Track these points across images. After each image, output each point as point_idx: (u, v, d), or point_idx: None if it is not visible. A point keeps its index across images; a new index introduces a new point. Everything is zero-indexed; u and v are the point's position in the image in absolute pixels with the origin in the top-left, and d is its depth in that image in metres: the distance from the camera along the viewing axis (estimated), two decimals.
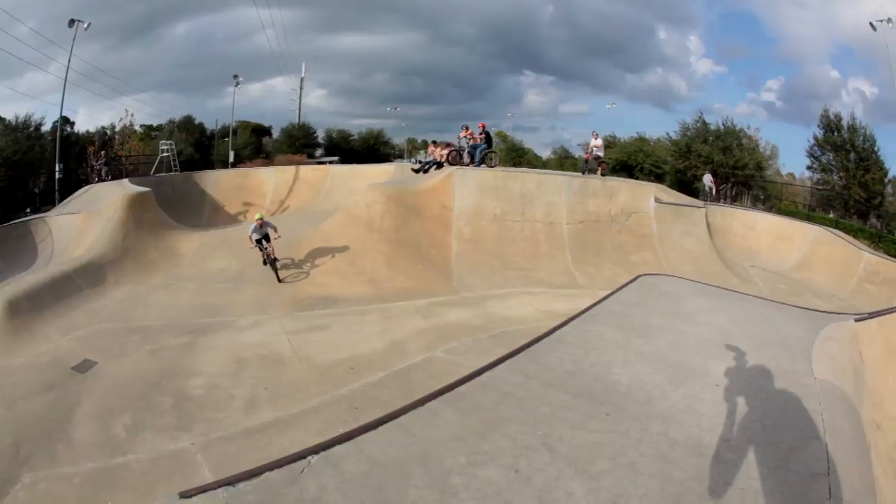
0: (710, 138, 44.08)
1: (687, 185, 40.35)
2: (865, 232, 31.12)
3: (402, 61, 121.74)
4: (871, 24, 38.52)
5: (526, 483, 4.17)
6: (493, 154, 24.47)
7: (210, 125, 53.28)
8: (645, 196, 21.07)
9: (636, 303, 9.02)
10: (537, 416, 5.08)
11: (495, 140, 64.85)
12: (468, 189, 20.82)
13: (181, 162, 34.40)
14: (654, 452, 4.67)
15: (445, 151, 24.92)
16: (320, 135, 59.69)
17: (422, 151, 59.84)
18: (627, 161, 46.78)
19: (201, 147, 47.74)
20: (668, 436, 4.94)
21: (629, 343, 7.07)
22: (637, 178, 39.67)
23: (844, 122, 42.71)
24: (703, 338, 7.43)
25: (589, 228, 20.13)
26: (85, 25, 29.69)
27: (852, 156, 40.89)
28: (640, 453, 4.64)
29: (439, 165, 24.26)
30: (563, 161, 57.33)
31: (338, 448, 4.27)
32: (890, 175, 41.03)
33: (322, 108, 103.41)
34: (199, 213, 26.50)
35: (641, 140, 50.64)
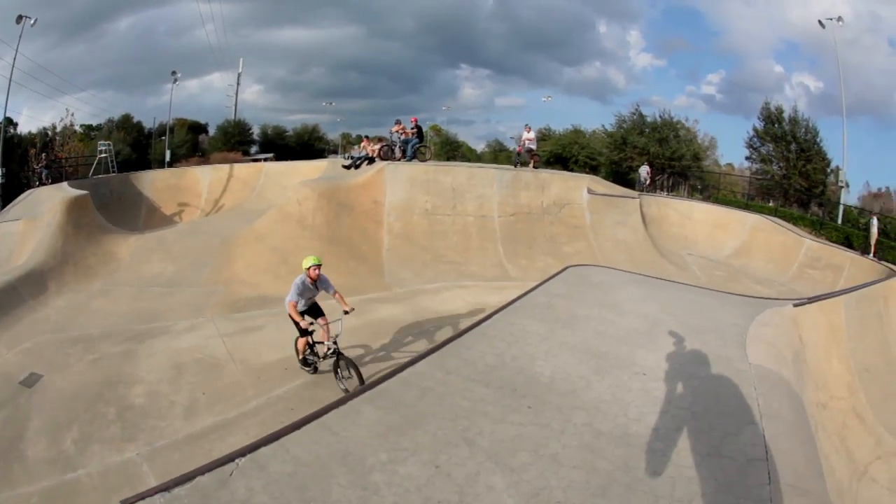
0: (647, 130, 45.17)
1: (622, 176, 41.17)
2: (806, 220, 32.30)
3: (339, 55, 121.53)
4: (819, 21, 40.11)
5: (446, 478, 4.21)
6: (425, 148, 24.70)
7: (148, 123, 53.61)
8: (578, 188, 21.45)
9: (563, 294, 9.06)
10: (458, 410, 5.10)
11: (430, 134, 65.70)
12: (399, 184, 20.88)
13: (119, 162, 34.21)
14: (577, 444, 4.66)
15: (377, 146, 25.11)
16: (255, 131, 60.63)
17: (356, 146, 58.36)
18: (562, 153, 47.44)
19: (139, 146, 48.18)
20: (592, 427, 4.91)
21: (553, 334, 7.04)
22: (572, 171, 40.24)
23: (786, 115, 44.37)
24: (631, 327, 7.48)
25: (521, 221, 20.38)
26: (32, 21, 29.08)
27: (793, 146, 42.51)
28: (562, 445, 4.63)
29: (371, 161, 24.38)
30: (498, 154, 58.21)
31: (264, 449, 4.35)
32: (833, 165, 42.88)
33: (258, 103, 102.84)
34: (136, 215, 26.47)
35: (577, 132, 51.40)
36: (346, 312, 9.45)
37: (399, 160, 23.88)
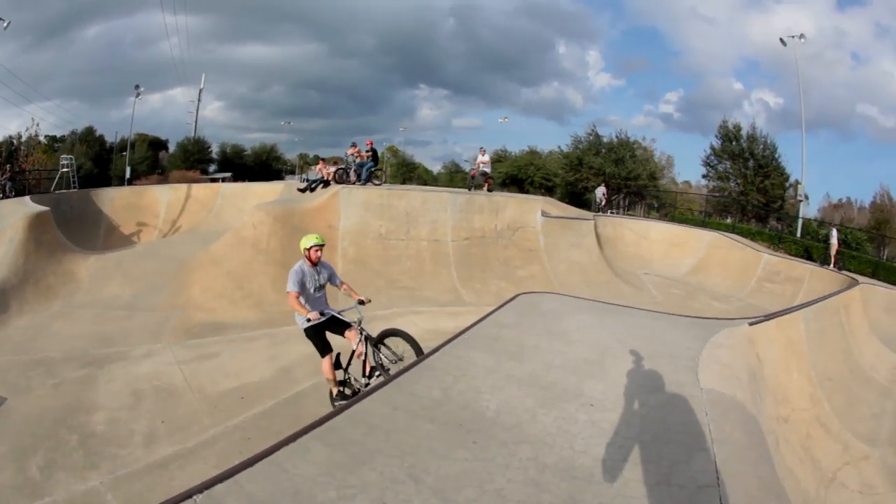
0: (603, 150, 46.05)
1: (578, 196, 41.79)
2: (765, 235, 33.16)
3: (299, 73, 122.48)
4: (781, 39, 41.35)
5: None
6: (380, 172, 25.09)
7: (110, 137, 55.35)
8: (531, 210, 21.75)
9: (512, 324, 9.10)
10: (404, 447, 5.10)
11: (386, 155, 66.69)
12: (353, 208, 21.01)
13: (81, 177, 34.72)
14: (522, 478, 4.67)
15: (332, 169, 25.66)
16: (215, 149, 62.46)
17: (312, 167, 60.27)
18: (518, 174, 48.08)
19: (100, 161, 49.96)
20: (538, 460, 4.93)
21: (500, 367, 7.06)
22: (527, 192, 40.75)
23: (744, 132, 45.70)
24: (580, 357, 7.52)
25: (474, 245, 20.59)
26: (5, 24, 29.20)
27: (751, 163, 43.67)
28: (507, 479, 4.63)
29: (326, 184, 24.84)
30: (454, 175, 59.05)
31: (219, 487, 4.28)
32: (792, 179, 44.02)
33: (218, 120, 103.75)
34: (95, 233, 26.84)
35: (532, 153, 52.20)
36: (361, 302, 8.76)
37: (354, 183, 24.21)
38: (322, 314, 8.20)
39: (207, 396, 10.94)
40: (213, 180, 46.41)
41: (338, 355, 8.94)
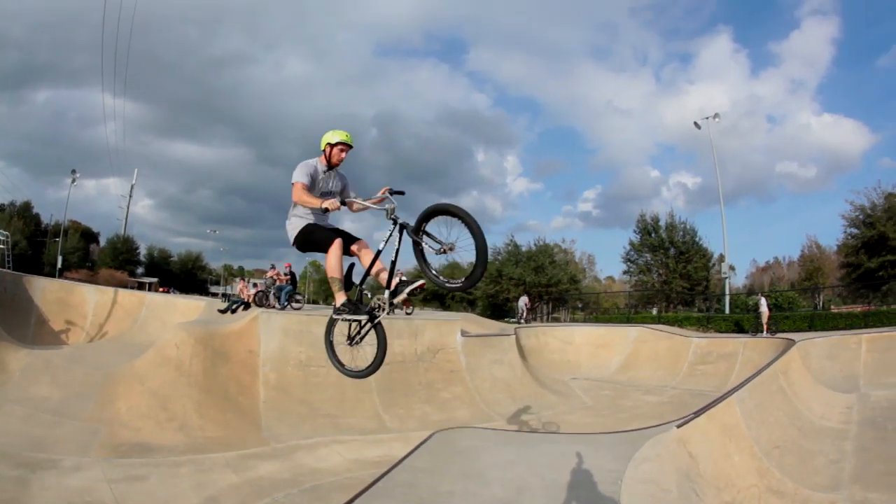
0: (522, 260, 46.75)
1: (500, 307, 42.06)
2: (692, 318, 33.84)
3: (227, 178, 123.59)
4: (695, 123, 43.39)
5: None
6: (299, 296, 25.07)
7: (45, 217, 57.34)
8: (451, 332, 21.74)
9: (426, 468, 8.94)
10: None
11: (309, 270, 67.16)
12: (273, 333, 20.54)
13: (15, 256, 35.23)
14: None
15: (252, 292, 25.93)
16: (143, 251, 65.02)
17: (237, 279, 64.88)
18: (438, 290, 48.11)
19: (34, 243, 51.49)
20: None
21: None
22: (449, 306, 40.78)
23: (662, 222, 47.23)
24: (496, 498, 7.36)
25: (395, 370, 20.08)
26: None
27: (672, 251, 44.87)
28: None
29: (247, 306, 25.10)
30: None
31: None
32: (714, 257, 45.42)
33: (148, 219, 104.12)
34: (26, 322, 26.15)
35: (452, 267, 52.56)
36: (394, 192, 6.30)
37: (273, 307, 24.25)
38: (342, 203, 6.05)
39: None
40: (141, 284, 48.57)
41: (350, 266, 6.64)
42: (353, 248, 6.63)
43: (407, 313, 25.72)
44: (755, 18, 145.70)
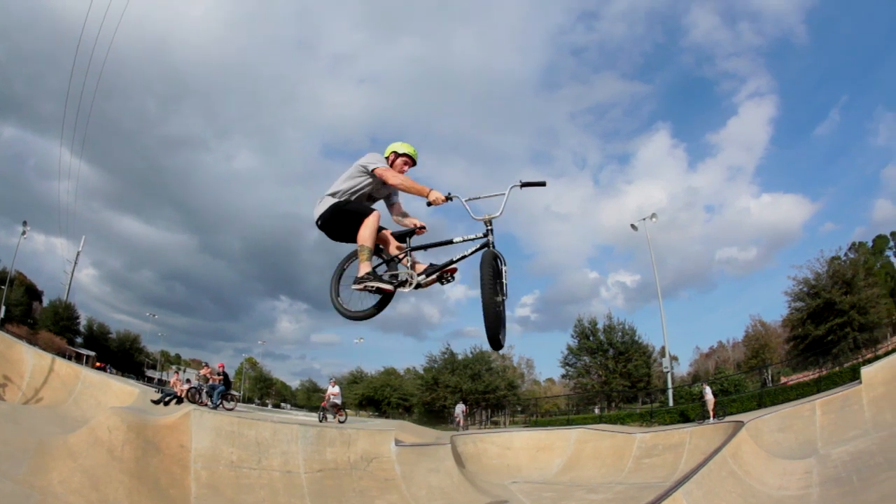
0: (459, 367, 46.80)
1: (437, 414, 41.78)
2: (635, 416, 33.88)
3: (170, 262, 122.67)
4: (632, 225, 44.54)
5: None
6: (231, 395, 25.31)
7: None
8: (384, 441, 21.55)
9: None
10: None
11: (245, 367, 67.15)
12: (205, 431, 19.78)
13: None
14: None
15: (185, 387, 26.61)
16: (83, 321, 65.08)
17: (173, 367, 66.96)
18: (374, 396, 48.13)
19: None
20: None
21: None
22: (385, 412, 40.56)
23: (601, 325, 47.88)
24: None
25: (328, 477, 19.95)
26: None
27: (611, 352, 45.33)
28: None
29: (179, 400, 25.49)
30: (311, 394, 60.50)
31: None
32: (656, 350, 45.96)
33: (90, 289, 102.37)
34: None
35: (389, 374, 52.61)
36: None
37: (205, 405, 24.61)
38: (448, 197, 6.08)
39: None
40: (79, 356, 49.89)
41: (410, 232, 6.74)
42: (395, 218, 6.90)
43: (340, 421, 25.64)
44: (693, 111, 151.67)
